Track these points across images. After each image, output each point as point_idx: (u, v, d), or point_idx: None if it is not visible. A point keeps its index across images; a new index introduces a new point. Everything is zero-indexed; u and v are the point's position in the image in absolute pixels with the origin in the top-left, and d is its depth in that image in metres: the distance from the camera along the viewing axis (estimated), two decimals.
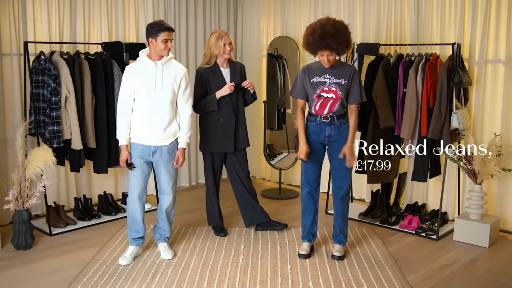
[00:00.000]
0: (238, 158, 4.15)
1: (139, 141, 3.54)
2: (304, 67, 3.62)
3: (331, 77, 3.50)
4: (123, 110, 3.52)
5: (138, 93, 3.47)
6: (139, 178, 3.59)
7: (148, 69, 3.47)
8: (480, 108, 4.36)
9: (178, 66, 3.60)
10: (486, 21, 4.23)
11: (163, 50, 3.42)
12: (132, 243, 3.69)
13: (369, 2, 5.00)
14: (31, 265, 3.61)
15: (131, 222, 3.67)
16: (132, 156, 3.56)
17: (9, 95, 4.38)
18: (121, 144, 3.55)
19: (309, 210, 3.77)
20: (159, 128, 3.51)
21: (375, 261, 3.69)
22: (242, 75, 4.11)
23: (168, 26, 3.41)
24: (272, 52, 5.73)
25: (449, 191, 4.56)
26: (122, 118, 3.53)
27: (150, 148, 3.54)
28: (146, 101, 3.47)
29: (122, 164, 3.55)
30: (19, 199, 3.85)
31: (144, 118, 3.49)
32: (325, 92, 3.51)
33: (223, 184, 4.63)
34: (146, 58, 3.48)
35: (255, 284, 3.31)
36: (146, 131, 3.51)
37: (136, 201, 3.60)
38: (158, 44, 3.40)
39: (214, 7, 5.93)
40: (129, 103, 3.51)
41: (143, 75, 3.46)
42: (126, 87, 3.50)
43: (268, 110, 5.68)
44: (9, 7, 4.29)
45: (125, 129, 3.53)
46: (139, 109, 3.51)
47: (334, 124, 3.57)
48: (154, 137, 3.52)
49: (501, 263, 3.74)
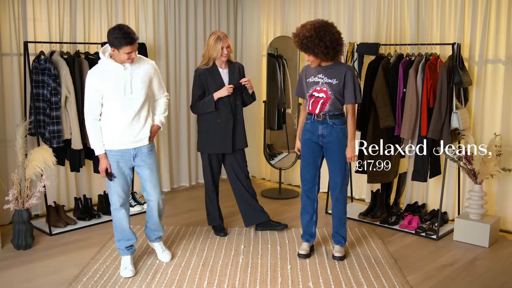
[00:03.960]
0: (236, 159, 4.15)
1: (115, 146, 3.34)
2: (304, 67, 3.67)
3: (324, 77, 3.52)
4: (92, 117, 3.28)
5: (108, 98, 3.25)
6: (122, 185, 3.40)
7: (115, 72, 3.25)
8: (480, 108, 4.36)
9: (146, 63, 3.40)
10: (486, 21, 4.23)
11: (126, 60, 3.21)
12: (126, 253, 3.50)
13: (369, 2, 5.00)
14: (31, 265, 3.61)
15: (119, 232, 3.47)
16: (111, 164, 3.34)
17: (9, 95, 4.38)
18: (98, 153, 3.31)
19: (306, 210, 3.78)
20: (135, 130, 3.35)
21: (375, 261, 3.69)
22: (241, 75, 4.11)
23: (131, 39, 3.12)
24: (272, 52, 5.73)
25: (449, 191, 4.56)
26: (93, 125, 3.29)
27: (130, 151, 3.38)
28: (117, 105, 3.27)
29: (102, 174, 3.34)
30: (19, 199, 3.85)
31: (117, 122, 3.30)
32: (317, 92, 3.54)
33: (223, 184, 4.63)
34: (111, 62, 3.24)
35: (255, 284, 3.32)
36: (121, 135, 3.32)
37: (120, 209, 3.41)
38: (121, 55, 3.18)
39: (214, 7, 5.93)
40: (98, 109, 3.28)
41: (110, 80, 3.23)
42: (92, 93, 3.24)
43: (268, 110, 5.68)
44: (9, 7, 4.29)
45: (99, 137, 3.31)
46: (109, 114, 3.29)
47: (327, 123, 3.56)
48: (131, 140, 3.36)
49: (501, 263, 3.74)
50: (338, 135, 3.56)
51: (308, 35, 3.34)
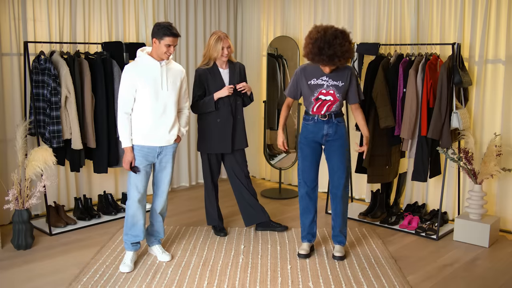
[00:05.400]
0: (236, 159, 4.15)
1: (143, 142, 3.44)
2: (301, 68, 3.60)
3: (328, 79, 3.50)
4: (124, 110, 3.39)
5: (141, 94, 3.37)
6: (143, 181, 3.49)
7: (152, 68, 3.39)
8: (480, 108, 4.36)
9: (178, 66, 3.58)
10: (486, 21, 4.23)
11: (164, 53, 3.36)
12: (130, 249, 3.57)
13: (369, 2, 5.00)
14: (31, 265, 3.61)
15: (129, 226, 3.54)
16: (136, 158, 3.45)
17: (9, 95, 4.38)
18: (125, 146, 3.41)
19: (308, 210, 3.77)
20: (165, 128, 3.46)
21: (375, 261, 3.69)
22: (241, 75, 4.11)
23: (174, 32, 3.33)
24: (272, 52, 5.73)
25: (449, 191, 4.56)
26: (124, 119, 3.39)
27: (155, 149, 3.49)
28: (150, 102, 3.38)
29: (126, 166, 3.42)
30: (19, 199, 3.85)
31: (149, 118, 3.40)
32: (323, 95, 3.51)
33: (223, 184, 4.64)
34: (149, 57, 3.40)
35: (255, 284, 3.32)
36: (151, 132, 3.42)
37: (137, 204, 3.49)
38: (161, 46, 3.34)
39: (214, 7, 5.93)
40: (130, 103, 3.39)
41: (146, 75, 3.36)
42: (127, 87, 3.37)
43: (268, 110, 5.68)
44: (9, 7, 4.29)
45: (128, 130, 3.40)
46: (141, 110, 3.40)
47: (332, 122, 3.57)
48: (160, 138, 3.46)
49: (501, 263, 3.74)
50: (342, 132, 3.61)
51: (337, 51, 3.27)
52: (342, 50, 3.25)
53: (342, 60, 3.30)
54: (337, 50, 3.24)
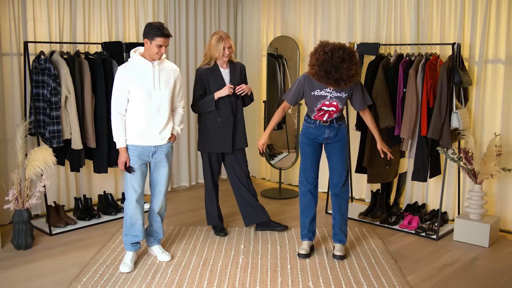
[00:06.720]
0: (236, 159, 4.15)
1: (137, 142, 3.45)
2: (305, 76, 3.55)
3: (332, 91, 3.51)
4: (117, 111, 3.40)
5: (134, 94, 3.38)
6: (139, 181, 3.50)
7: (144, 69, 3.39)
8: (480, 108, 4.36)
9: (172, 65, 3.56)
10: (486, 21, 4.23)
11: (155, 54, 3.36)
12: (130, 249, 3.58)
13: (369, 2, 5.00)
14: (31, 265, 3.61)
15: (128, 227, 3.55)
16: (131, 158, 3.46)
17: (9, 95, 4.38)
18: (120, 146, 3.43)
19: (310, 208, 3.79)
20: (158, 128, 3.48)
21: (375, 261, 3.70)
22: (242, 75, 4.12)
23: (165, 32, 3.33)
24: (272, 52, 5.73)
25: (449, 191, 4.55)
26: (118, 119, 3.41)
27: (150, 148, 3.50)
28: (143, 102, 3.39)
29: (121, 167, 3.44)
30: (19, 199, 3.85)
31: (142, 119, 3.41)
32: (326, 106, 3.54)
33: (223, 184, 4.64)
34: (141, 58, 3.40)
35: (255, 284, 3.32)
36: (145, 131, 3.43)
37: (135, 204, 3.50)
38: (152, 47, 3.34)
39: (214, 7, 5.93)
40: (124, 104, 3.40)
41: (139, 76, 3.38)
42: (120, 87, 3.38)
43: (268, 110, 5.68)
44: (9, 7, 4.29)
45: (122, 131, 3.42)
46: (135, 110, 3.41)
47: (333, 126, 3.63)
48: (153, 138, 3.48)
49: (501, 263, 3.74)
50: (343, 133, 3.67)
51: (343, 76, 3.26)
52: (348, 75, 3.25)
53: (348, 84, 3.31)
54: (343, 75, 3.23)
